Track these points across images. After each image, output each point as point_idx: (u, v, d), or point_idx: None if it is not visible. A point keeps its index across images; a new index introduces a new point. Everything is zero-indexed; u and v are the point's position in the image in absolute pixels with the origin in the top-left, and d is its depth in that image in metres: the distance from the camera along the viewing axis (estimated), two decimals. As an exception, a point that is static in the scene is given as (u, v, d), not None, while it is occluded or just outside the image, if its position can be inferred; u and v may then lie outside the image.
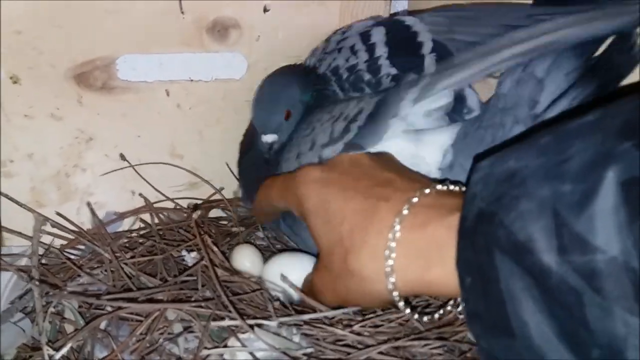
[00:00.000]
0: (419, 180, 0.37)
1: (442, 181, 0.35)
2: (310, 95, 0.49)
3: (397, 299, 0.34)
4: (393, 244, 0.32)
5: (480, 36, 0.44)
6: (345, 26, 0.52)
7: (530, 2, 0.44)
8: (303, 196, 0.37)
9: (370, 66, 0.46)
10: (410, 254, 0.32)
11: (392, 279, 0.33)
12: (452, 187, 0.35)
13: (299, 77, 0.50)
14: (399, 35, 0.48)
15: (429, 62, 0.45)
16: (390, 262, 0.33)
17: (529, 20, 0.41)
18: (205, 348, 0.38)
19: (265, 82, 0.51)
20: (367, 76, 0.46)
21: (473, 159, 0.39)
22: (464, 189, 0.34)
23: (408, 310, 0.35)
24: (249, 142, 0.53)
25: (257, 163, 0.51)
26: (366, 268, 0.34)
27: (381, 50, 0.47)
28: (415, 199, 0.33)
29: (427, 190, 0.34)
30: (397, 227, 0.33)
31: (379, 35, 0.48)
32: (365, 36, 0.48)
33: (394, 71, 0.45)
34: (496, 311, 0.26)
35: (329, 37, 0.52)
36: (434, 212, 0.32)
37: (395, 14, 0.57)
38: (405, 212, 0.33)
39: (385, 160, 0.40)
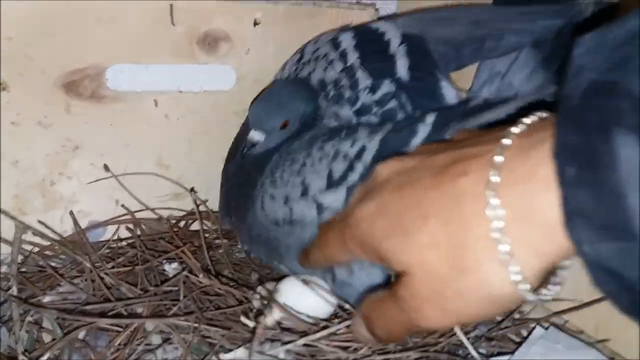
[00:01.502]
0: (481, 138, 0.28)
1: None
2: (310, 112, 0.48)
3: (526, 293, 0.25)
4: (500, 223, 0.24)
5: (454, 32, 0.47)
6: (316, 36, 0.53)
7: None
8: (364, 233, 0.30)
9: (350, 78, 0.46)
10: (524, 221, 0.24)
11: (515, 268, 0.24)
12: (528, 120, 0.26)
13: (308, 93, 0.48)
14: (367, 37, 0.49)
15: (401, 64, 0.46)
16: (505, 247, 0.24)
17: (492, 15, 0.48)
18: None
19: (277, 83, 0.50)
20: (347, 93, 0.46)
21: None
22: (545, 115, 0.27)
23: (534, 297, 0.25)
24: (234, 150, 0.51)
25: (237, 173, 0.50)
26: (480, 263, 0.25)
27: (353, 57, 0.47)
28: (498, 158, 0.25)
29: (508, 142, 0.25)
30: (496, 202, 0.24)
31: (347, 40, 0.49)
32: (335, 43, 0.49)
33: (369, 82, 0.46)
34: (610, 207, 0.21)
35: (302, 48, 0.52)
36: (535, 152, 0.24)
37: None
38: (494, 178, 0.24)
39: (428, 145, 0.32)
